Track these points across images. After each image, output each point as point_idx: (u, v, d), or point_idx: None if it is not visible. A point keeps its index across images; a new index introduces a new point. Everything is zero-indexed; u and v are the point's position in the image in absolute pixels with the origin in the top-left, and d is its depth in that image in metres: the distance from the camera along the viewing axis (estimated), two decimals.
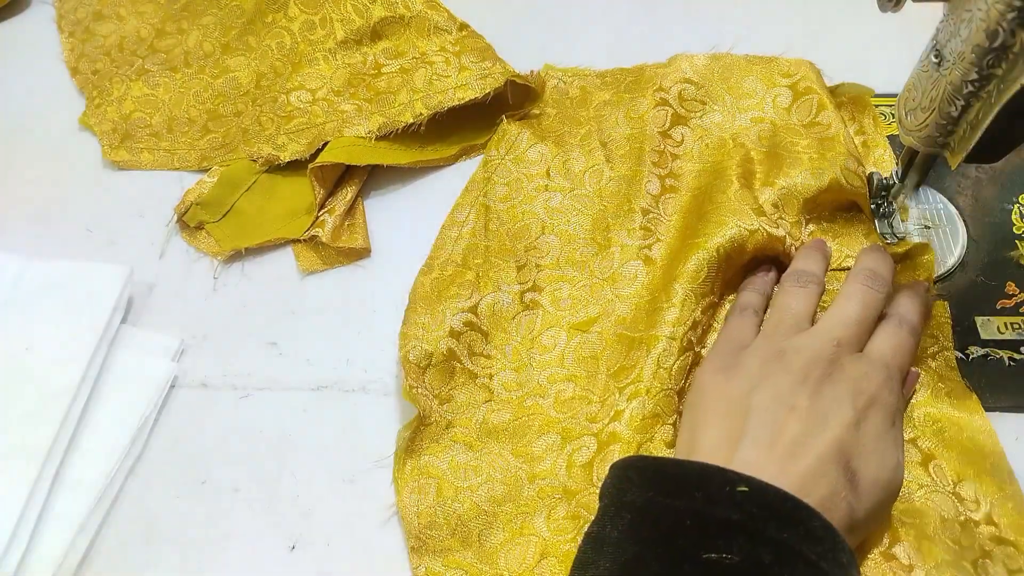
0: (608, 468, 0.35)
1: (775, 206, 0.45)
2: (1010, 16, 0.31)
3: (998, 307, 0.44)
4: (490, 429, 0.42)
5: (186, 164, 0.53)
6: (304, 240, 0.49)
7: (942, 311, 0.42)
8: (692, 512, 0.31)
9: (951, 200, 0.47)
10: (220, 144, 0.54)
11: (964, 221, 0.47)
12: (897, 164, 0.44)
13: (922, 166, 0.42)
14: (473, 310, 0.44)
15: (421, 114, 0.50)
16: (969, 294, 0.44)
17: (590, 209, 0.48)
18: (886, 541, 0.37)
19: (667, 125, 0.49)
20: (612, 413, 0.40)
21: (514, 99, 0.52)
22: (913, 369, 0.40)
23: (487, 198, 0.49)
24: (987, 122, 0.35)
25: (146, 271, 0.49)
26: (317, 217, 0.49)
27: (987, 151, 0.37)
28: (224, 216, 0.50)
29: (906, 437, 0.40)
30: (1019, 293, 0.44)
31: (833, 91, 0.50)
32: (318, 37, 0.55)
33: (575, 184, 0.49)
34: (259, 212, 0.50)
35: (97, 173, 0.54)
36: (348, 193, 0.50)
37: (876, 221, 0.46)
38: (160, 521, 0.41)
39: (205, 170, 0.53)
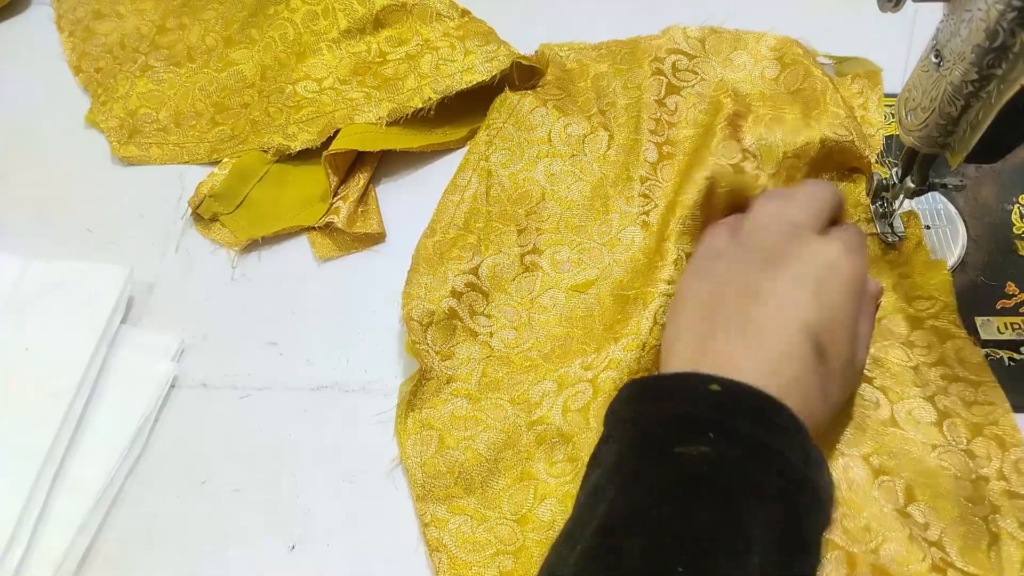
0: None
1: (754, 155, 0.45)
2: (1010, 16, 0.31)
3: (998, 307, 0.44)
4: (489, 382, 0.43)
5: (196, 157, 0.54)
6: (319, 227, 0.49)
7: (941, 275, 0.43)
8: (668, 415, 0.32)
9: (951, 200, 0.47)
10: (229, 136, 0.54)
11: (964, 221, 0.47)
12: (897, 164, 0.44)
13: (922, 166, 0.42)
14: (474, 272, 0.46)
15: (430, 98, 0.50)
16: (969, 294, 0.44)
17: (589, 176, 0.49)
18: (901, 500, 0.38)
19: (662, 94, 0.50)
20: (607, 361, 0.41)
21: (520, 81, 0.53)
22: (873, 280, 0.41)
23: (489, 163, 0.50)
24: (987, 122, 0.35)
25: (146, 271, 0.49)
26: (331, 204, 0.49)
27: (987, 151, 0.37)
28: (238, 207, 0.51)
29: (923, 395, 0.41)
30: (1019, 293, 0.44)
31: (843, 62, 0.51)
32: (321, 27, 0.56)
33: (575, 150, 0.50)
34: (272, 202, 0.51)
35: (97, 173, 0.54)
36: (360, 180, 0.50)
37: (876, 221, 0.46)
38: (160, 521, 0.41)
39: (215, 162, 0.53)
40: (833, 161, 0.47)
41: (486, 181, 0.49)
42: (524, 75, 0.53)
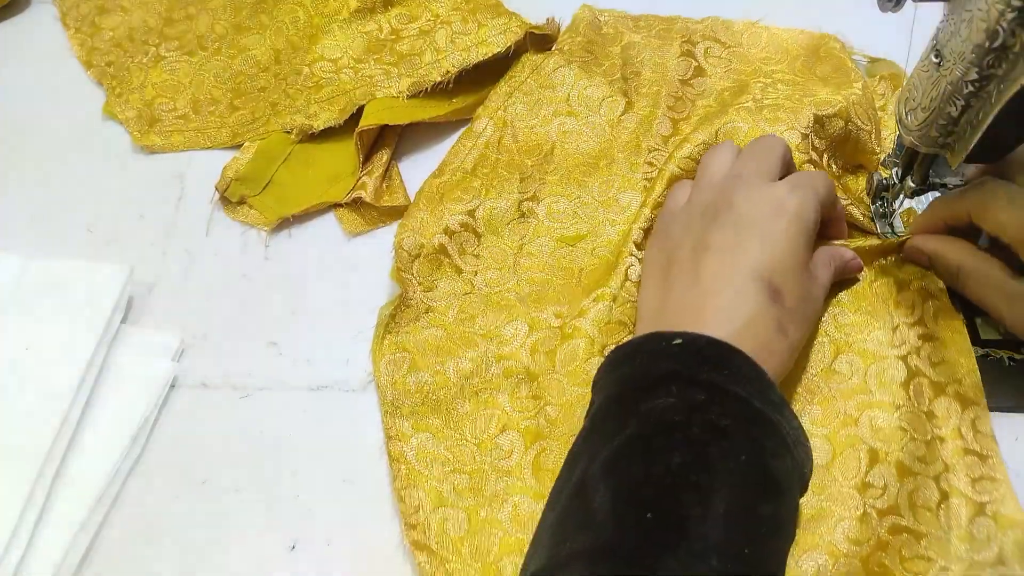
0: (571, 359, 0.41)
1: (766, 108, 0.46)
2: (1010, 16, 0.31)
3: None
4: (465, 318, 0.45)
5: (218, 142, 0.54)
6: (346, 204, 0.50)
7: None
8: (635, 374, 0.34)
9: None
10: (250, 120, 0.55)
11: None
12: (897, 164, 0.44)
13: (922, 166, 0.42)
14: (471, 213, 0.48)
15: (448, 72, 0.52)
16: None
17: (600, 138, 0.51)
18: (863, 468, 0.39)
19: (688, 75, 0.52)
20: (578, 311, 0.43)
21: (533, 49, 0.54)
22: (849, 253, 0.42)
23: (506, 113, 0.52)
24: (987, 122, 0.35)
25: (146, 271, 0.49)
26: (358, 180, 0.50)
27: (987, 151, 0.37)
28: (264, 189, 0.52)
29: (896, 354, 0.41)
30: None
31: (874, 62, 0.52)
32: (331, 9, 0.57)
33: (590, 111, 0.51)
34: (298, 182, 0.52)
35: (97, 173, 0.54)
36: (384, 156, 0.51)
37: (876, 221, 0.46)
38: (160, 521, 0.41)
39: (237, 146, 0.54)
40: (846, 151, 0.47)
41: (500, 131, 0.51)
42: (537, 43, 0.54)
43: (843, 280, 0.43)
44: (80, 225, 0.52)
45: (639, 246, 0.44)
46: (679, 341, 0.34)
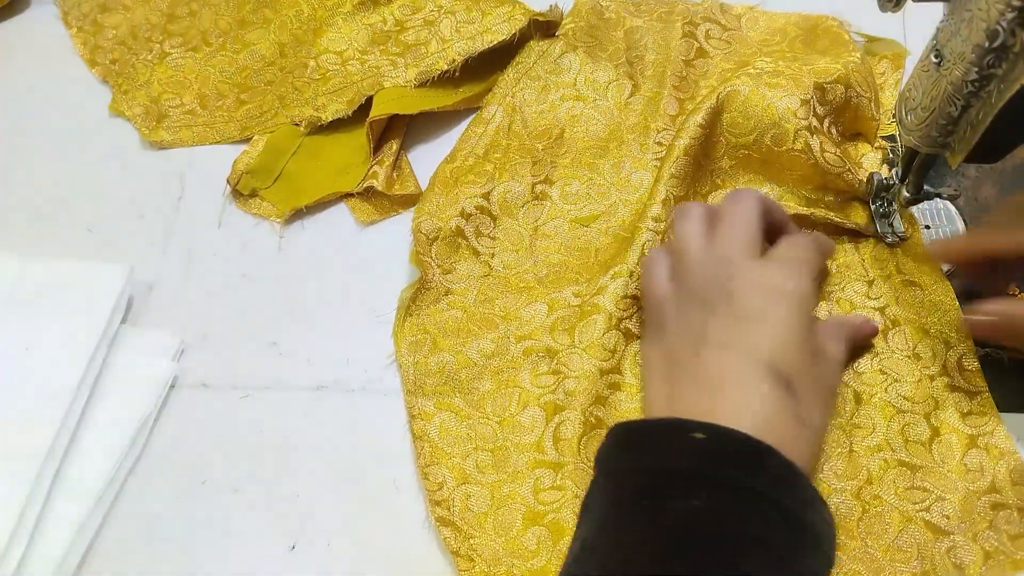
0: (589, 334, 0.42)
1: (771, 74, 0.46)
2: (1010, 16, 0.31)
3: None
4: (484, 300, 0.46)
5: (227, 136, 0.55)
6: (357, 193, 0.51)
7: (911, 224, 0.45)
8: (655, 467, 0.32)
9: (951, 200, 0.47)
10: (258, 113, 0.55)
11: (964, 221, 0.47)
12: (897, 164, 0.44)
13: (922, 166, 0.42)
14: (486, 196, 0.48)
15: (454, 60, 0.52)
16: (969, 294, 0.44)
17: (608, 120, 0.51)
18: (849, 410, 0.40)
19: (691, 56, 0.53)
20: (596, 288, 0.44)
21: (537, 35, 0.55)
22: (860, 318, 0.42)
23: (515, 99, 0.52)
24: (987, 122, 0.35)
25: (146, 271, 0.49)
26: (369, 169, 0.51)
27: (987, 151, 0.37)
28: (275, 181, 0.52)
29: (874, 306, 0.43)
30: (1019, 293, 0.44)
31: (873, 41, 0.53)
32: (334, 2, 0.57)
33: (598, 95, 0.52)
34: (309, 173, 0.52)
35: (97, 173, 0.54)
36: (394, 145, 0.52)
37: (876, 221, 0.46)
38: (160, 521, 0.41)
39: (246, 140, 0.54)
40: (845, 118, 0.47)
41: (510, 116, 0.52)
42: (541, 29, 0.55)
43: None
44: (80, 225, 0.52)
45: (657, 219, 0.44)
46: (702, 435, 0.32)
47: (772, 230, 0.41)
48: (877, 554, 0.37)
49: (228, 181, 0.52)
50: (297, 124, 0.53)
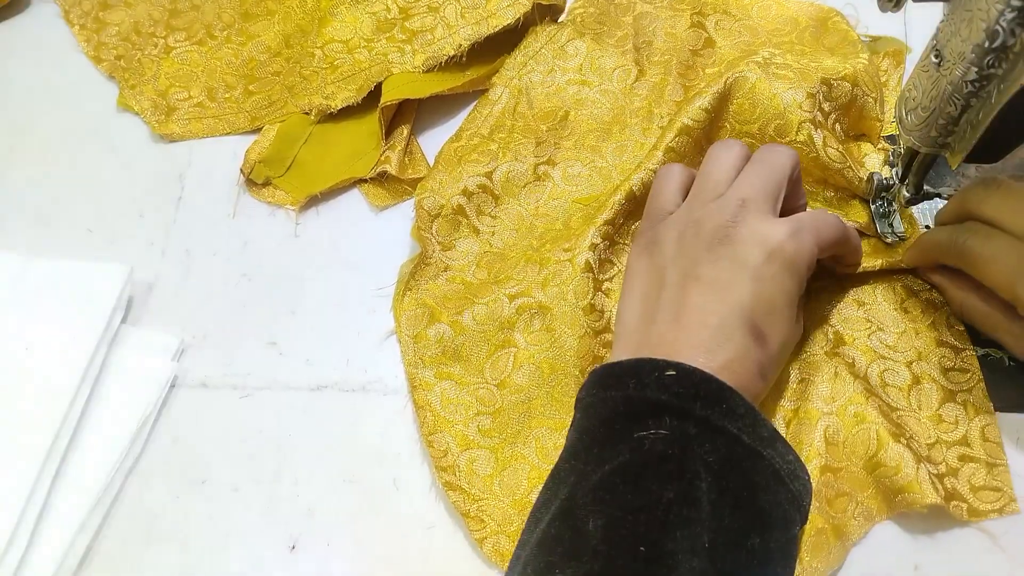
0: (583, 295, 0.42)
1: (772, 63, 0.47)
2: (1010, 16, 0.31)
3: None
4: (482, 274, 0.47)
5: (237, 127, 0.55)
6: (370, 179, 0.51)
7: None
8: (625, 399, 0.33)
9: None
10: (267, 103, 0.55)
11: None
12: (897, 164, 0.44)
13: (922, 166, 0.42)
14: (489, 175, 0.49)
15: (461, 45, 0.53)
16: None
17: (613, 105, 0.52)
18: (831, 342, 0.42)
19: (700, 46, 0.53)
20: (587, 245, 0.44)
21: (541, 19, 0.55)
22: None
23: (521, 81, 0.53)
24: (987, 122, 0.35)
25: (146, 271, 0.49)
26: (381, 154, 0.51)
27: (987, 151, 0.37)
28: (288, 170, 0.53)
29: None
30: None
31: (876, 40, 0.53)
32: None
33: (603, 80, 0.52)
34: (321, 161, 0.53)
35: (97, 173, 0.54)
36: (404, 129, 0.52)
37: (876, 221, 0.46)
38: (160, 521, 0.41)
39: (257, 130, 0.54)
40: (850, 117, 0.48)
41: (516, 98, 0.52)
42: (544, 13, 0.55)
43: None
44: (80, 225, 0.52)
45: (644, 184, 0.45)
46: (673, 372, 0.33)
47: (793, 193, 0.41)
48: (861, 475, 0.39)
49: (242, 170, 0.52)
50: (307, 113, 0.54)
